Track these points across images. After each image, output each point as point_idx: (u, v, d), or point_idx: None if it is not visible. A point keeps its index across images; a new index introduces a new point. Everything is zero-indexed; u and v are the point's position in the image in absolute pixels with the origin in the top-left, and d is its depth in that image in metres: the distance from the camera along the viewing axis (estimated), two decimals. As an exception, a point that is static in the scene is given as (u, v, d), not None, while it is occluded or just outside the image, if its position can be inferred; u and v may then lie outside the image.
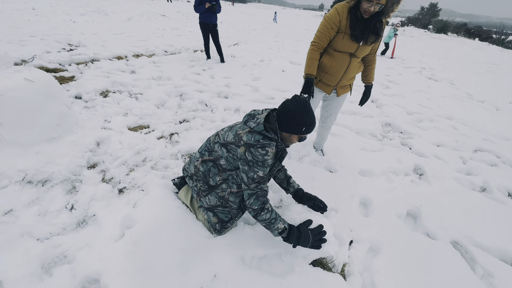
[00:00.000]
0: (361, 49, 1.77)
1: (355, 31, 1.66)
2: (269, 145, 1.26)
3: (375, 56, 1.97)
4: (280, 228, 1.32)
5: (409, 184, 2.27)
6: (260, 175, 1.29)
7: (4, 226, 1.47)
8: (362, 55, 1.83)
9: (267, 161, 1.28)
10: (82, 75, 3.82)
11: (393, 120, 3.48)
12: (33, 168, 1.85)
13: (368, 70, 2.01)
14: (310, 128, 1.31)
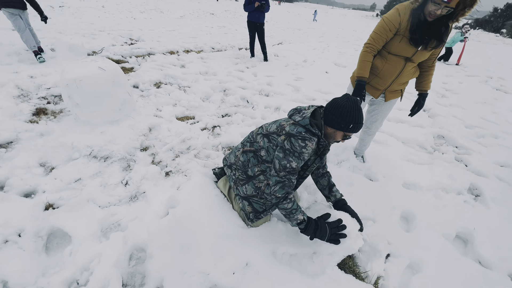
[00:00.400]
0: (419, 54, 1.63)
1: (415, 34, 1.54)
2: (310, 139, 1.27)
3: (435, 63, 1.79)
4: (299, 219, 1.33)
5: (461, 204, 2.05)
6: (293, 166, 1.30)
7: (74, 191, 1.73)
8: (419, 60, 1.69)
9: (303, 154, 1.28)
10: (140, 67, 4.24)
11: (447, 132, 3.16)
12: (98, 145, 2.13)
13: (424, 77, 1.84)
14: (357, 127, 1.28)
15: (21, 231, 1.40)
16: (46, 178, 1.80)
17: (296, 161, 1.30)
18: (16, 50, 4.07)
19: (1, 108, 2.42)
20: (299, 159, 1.30)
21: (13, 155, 1.96)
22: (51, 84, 3.02)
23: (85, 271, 1.30)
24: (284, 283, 1.31)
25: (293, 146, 1.28)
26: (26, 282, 1.21)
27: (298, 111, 1.40)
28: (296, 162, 1.30)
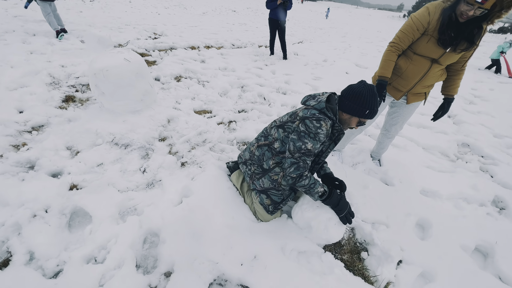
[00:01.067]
0: (447, 56, 1.55)
1: (444, 35, 1.46)
2: (324, 119, 1.28)
3: (465, 67, 1.68)
4: (320, 191, 1.35)
5: (484, 216, 1.94)
6: (309, 147, 1.29)
7: (97, 175, 1.82)
8: (447, 63, 1.60)
9: (319, 134, 1.28)
10: (162, 60, 4.36)
11: (473, 141, 2.99)
12: (120, 133, 2.23)
13: (451, 81, 1.73)
14: (372, 113, 1.29)
15: (47, 207, 1.51)
16: (72, 160, 1.91)
17: (312, 142, 1.29)
18: (50, 41, 4.33)
19: (35, 93, 2.60)
20: (314, 140, 1.29)
21: (43, 137, 2.10)
22: (80, 74, 3.20)
23: (103, 250, 1.38)
24: (291, 278, 1.32)
25: (308, 127, 1.28)
26: (50, 254, 1.30)
27: (312, 97, 1.42)
28: (312, 143, 1.29)
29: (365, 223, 1.71)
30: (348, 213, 1.45)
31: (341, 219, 1.44)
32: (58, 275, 1.25)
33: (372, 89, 1.27)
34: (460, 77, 1.71)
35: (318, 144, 1.31)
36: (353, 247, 1.61)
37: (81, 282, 1.21)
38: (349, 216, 1.45)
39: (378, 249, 1.57)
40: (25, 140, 2.06)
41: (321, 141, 1.31)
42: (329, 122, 1.30)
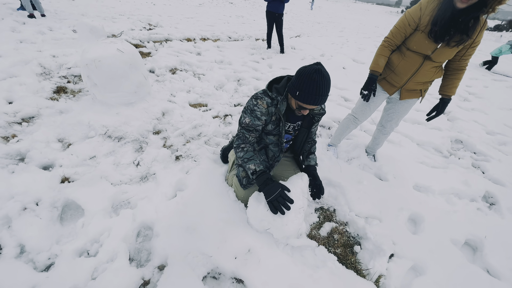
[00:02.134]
0: (440, 52, 1.48)
1: (435, 26, 1.39)
2: (261, 98, 1.36)
3: (464, 66, 1.60)
4: (251, 168, 1.38)
5: (474, 212, 1.98)
6: (246, 121, 1.41)
7: (89, 168, 1.80)
8: (440, 60, 1.55)
9: (255, 111, 1.37)
10: (157, 52, 4.28)
11: (466, 137, 3.03)
12: (113, 125, 2.20)
13: (448, 80, 1.66)
14: (304, 96, 1.17)
15: (38, 200, 1.48)
16: (63, 153, 1.88)
17: (249, 117, 1.39)
18: (40, 29, 4.20)
19: (25, 84, 2.52)
20: (251, 116, 1.39)
21: (34, 129, 2.05)
22: (71, 64, 3.11)
23: (95, 243, 1.36)
24: (284, 272, 1.33)
25: (248, 104, 1.40)
26: (41, 247, 1.29)
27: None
28: (249, 119, 1.40)
29: (359, 218, 1.73)
30: (278, 201, 1.29)
31: (268, 205, 1.33)
32: (49, 268, 1.24)
33: (316, 72, 1.13)
34: (458, 77, 1.64)
35: (257, 120, 1.39)
36: (346, 241, 1.63)
37: (73, 275, 1.20)
38: (277, 204, 1.29)
39: (371, 243, 1.59)
40: (15, 131, 2.01)
41: (259, 118, 1.38)
42: (267, 101, 1.35)
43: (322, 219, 1.75)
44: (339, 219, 1.76)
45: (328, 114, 3.01)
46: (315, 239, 1.58)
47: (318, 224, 1.70)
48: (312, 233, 1.63)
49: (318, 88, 1.15)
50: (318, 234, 1.64)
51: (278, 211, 1.30)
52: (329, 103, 3.39)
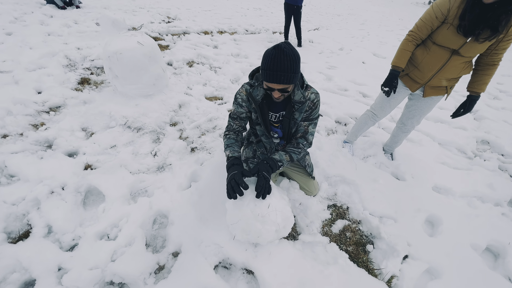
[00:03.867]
0: (469, 47, 1.39)
1: (463, 20, 1.31)
2: (243, 86, 1.39)
3: (497, 62, 1.48)
4: (226, 154, 1.39)
5: (498, 217, 1.87)
6: (232, 109, 1.46)
7: (110, 156, 1.88)
8: (470, 55, 1.45)
9: (237, 99, 1.41)
10: (174, 45, 4.34)
11: (494, 138, 2.84)
12: (132, 116, 2.28)
13: (478, 76, 1.54)
14: (265, 74, 1.14)
15: (64, 185, 1.58)
16: (87, 141, 1.98)
17: (234, 105, 1.43)
18: (66, 22, 4.38)
19: (52, 75, 2.66)
20: (235, 104, 1.42)
21: (60, 118, 2.17)
22: (94, 56, 3.24)
23: (115, 228, 1.44)
24: (294, 266, 1.34)
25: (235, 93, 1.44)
26: (66, 229, 1.38)
27: None
28: (234, 106, 1.44)
29: (373, 217, 1.70)
30: (231, 184, 1.20)
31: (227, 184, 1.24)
32: (73, 249, 1.33)
33: (275, 48, 1.09)
34: (489, 73, 1.52)
35: (240, 108, 1.41)
36: (359, 239, 1.61)
37: (94, 256, 1.28)
38: (229, 188, 1.20)
39: (384, 242, 1.56)
40: (43, 120, 2.14)
41: (241, 105, 1.40)
42: (246, 88, 1.37)
43: (334, 216, 1.73)
44: (352, 217, 1.74)
45: (345, 110, 2.94)
46: (326, 236, 1.57)
47: (330, 221, 1.69)
48: (324, 229, 1.62)
49: (276, 63, 1.09)
50: (330, 231, 1.63)
51: (230, 194, 1.20)
52: (346, 98, 3.30)
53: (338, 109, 2.95)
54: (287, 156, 1.39)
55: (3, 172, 1.65)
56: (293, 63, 1.11)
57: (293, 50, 1.12)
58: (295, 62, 1.12)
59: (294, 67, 1.12)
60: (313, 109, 1.40)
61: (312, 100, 1.37)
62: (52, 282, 1.17)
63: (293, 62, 1.11)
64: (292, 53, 1.11)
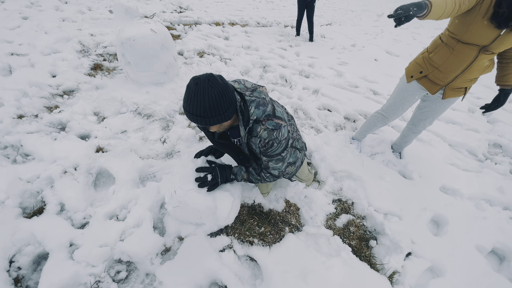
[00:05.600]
0: (502, 40, 1.25)
1: (500, 8, 1.16)
2: None
3: None
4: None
5: (506, 220, 1.84)
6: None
7: (120, 141, 1.92)
8: (499, 50, 1.32)
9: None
10: (186, 35, 4.35)
11: (508, 142, 2.77)
12: (143, 103, 2.31)
13: (509, 69, 1.44)
14: (185, 113, 0.99)
15: (76, 166, 1.63)
16: (98, 125, 2.02)
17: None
18: (80, 9, 4.43)
19: (67, 60, 2.71)
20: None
21: (73, 102, 2.22)
22: (107, 43, 3.28)
23: (124, 209, 1.48)
24: (297, 256, 1.36)
25: None
26: (78, 207, 1.43)
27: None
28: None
29: (378, 213, 1.70)
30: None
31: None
32: (84, 227, 1.38)
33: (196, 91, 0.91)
34: None
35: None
36: (362, 234, 1.62)
37: (104, 235, 1.32)
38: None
39: (388, 239, 1.56)
40: (57, 103, 2.19)
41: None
42: None
43: (339, 210, 1.74)
44: (356, 212, 1.74)
45: (354, 107, 2.91)
46: (330, 229, 1.59)
47: (334, 215, 1.70)
48: (328, 223, 1.64)
49: (190, 104, 0.94)
50: (333, 224, 1.64)
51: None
52: (356, 95, 3.26)
53: (347, 105, 2.92)
54: (245, 175, 1.32)
55: (19, 151, 1.71)
56: (212, 107, 0.93)
57: (214, 89, 0.92)
58: (215, 104, 0.93)
59: (213, 111, 0.94)
60: (267, 148, 1.13)
61: (264, 139, 1.10)
62: (64, 257, 1.22)
63: (211, 105, 0.93)
64: (212, 94, 0.92)
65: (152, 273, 1.25)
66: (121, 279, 1.23)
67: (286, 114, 1.29)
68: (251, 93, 1.11)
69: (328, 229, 1.58)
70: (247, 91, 1.11)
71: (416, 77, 1.63)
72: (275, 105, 1.18)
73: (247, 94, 1.09)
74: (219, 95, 0.94)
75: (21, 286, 1.15)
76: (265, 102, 1.10)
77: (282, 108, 1.27)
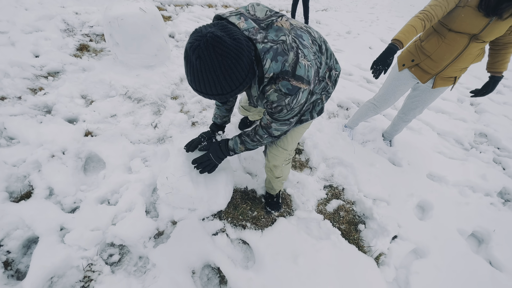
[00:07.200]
0: (492, 29, 1.27)
1: None
2: None
3: None
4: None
5: (487, 206, 1.94)
6: None
7: (110, 125, 1.87)
8: (490, 38, 1.33)
9: None
10: (177, 16, 4.16)
11: (492, 131, 2.87)
12: (133, 87, 2.23)
13: (499, 56, 1.46)
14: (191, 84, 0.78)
15: (64, 150, 1.58)
16: (86, 109, 1.95)
17: None
18: (63, -16, 4.14)
19: (50, 39, 2.56)
20: None
21: (59, 84, 2.12)
22: (93, 23, 3.10)
23: (115, 194, 1.47)
24: (288, 239, 1.40)
25: None
26: (67, 192, 1.40)
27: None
28: None
29: (367, 198, 1.75)
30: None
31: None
32: (75, 211, 1.36)
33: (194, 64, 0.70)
34: (510, 51, 1.43)
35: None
36: (352, 218, 1.67)
37: (95, 219, 1.31)
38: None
39: (376, 223, 1.62)
40: (41, 84, 2.09)
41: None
42: None
43: (330, 196, 1.78)
44: (347, 198, 1.79)
45: (347, 94, 2.92)
46: (321, 214, 1.63)
47: (325, 200, 1.74)
48: (319, 208, 1.67)
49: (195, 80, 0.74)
50: (324, 209, 1.68)
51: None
52: (350, 83, 3.26)
53: (341, 93, 2.92)
54: (242, 146, 1.14)
55: (2, 134, 1.64)
56: (228, 81, 0.73)
57: (226, 58, 0.69)
58: (231, 76, 0.72)
59: (231, 84, 0.74)
60: (274, 111, 0.93)
61: (272, 102, 0.87)
62: (55, 240, 1.21)
63: (227, 79, 0.73)
64: (224, 65, 0.69)
65: (145, 256, 1.26)
66: (114, 262, 1.24)
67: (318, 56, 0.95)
68: (265, 35, 0.78)
69: (319, 213, 1.62)
70: (259, 34, 0.77)
71: (407, 65, 1.64)
72: (301, 49, 0.83)
73: (259, 38, 0.76)
74: (233, 64, 0.70)
75: (11, 269, 1.14)
76: (285, 48, 0.78)
77: (313, 49, 0.91)
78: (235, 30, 0.72)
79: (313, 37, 0.96)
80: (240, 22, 0.78)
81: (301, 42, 0.86)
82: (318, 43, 0.99)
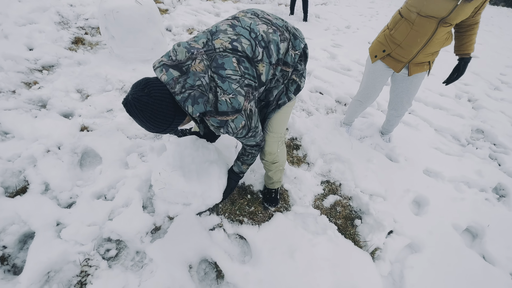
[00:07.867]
0: (459, 11, 1.28)
1: None
2: None
3: (479, 19, 1.41)
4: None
5: (482, 201, 1.96)
6: None
7: (106, 120, 1.86)
8: (457, 21, 1.34)
9: None
10: (174, 9, 4.10)
11: (489, 128, 2.88)
12: (129, 81, 2.21)
13: (466, 38, 1.48)
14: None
15: (60, 145, 1.57)
16: (82, 103, 1.93)
17: None
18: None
19: (44, 32, 2.52)
20: None
21: (54, 78, 2.09)
22: (89, 15, 3.05)
23: (112, 189, 1.46)
24: (285, 234, 1.41)
25: None
26: (64, 187, 1.40)
27: None
28: None
29: (363, 194, 1.76)
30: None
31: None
32: (71, 206, 1.36)
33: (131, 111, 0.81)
34: (475, 31, 1.47)
35: None
36: (348, 214, 1.68)
37: (92, 214, 1.31)
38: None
39: (372, 218, 1.63)
40: (36, 78, 2.06)
41: None
42: None
43: (327, 191, 1.78)
44: (343, 193, 1.80)
45: (346, 90, 2.91)
46: (318, 209, 1.64)
47: (322, 196, 1.75)
48: (316, 203, 1.68)
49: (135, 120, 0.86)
50: (321, 204, 1.69)
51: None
52: (348, 78, 3.25)
53: (339, 88, 2.91)
54: (245, 166, 1.28)
55: (-4, 128, 1.62)
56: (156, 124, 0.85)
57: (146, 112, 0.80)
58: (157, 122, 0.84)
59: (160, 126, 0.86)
60: (229, 134, 0.98)
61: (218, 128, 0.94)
62: (51, 235, 1.21)
63: (155, 123, 0.84)
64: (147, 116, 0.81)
65: (142, 251, 1.27)
66: (111, 257, 1.24)
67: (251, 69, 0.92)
68: (183, 84, 0.81)
69: (315, 209, 1.63)
70: (177, 85, 0.80)
71: (380, 56, 1.64)
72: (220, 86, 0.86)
73: (177, 90, 0.81)
74: (153, 114, 0.81)
75: (7, 264, 1.14)
76: (203, 91, 0.83)
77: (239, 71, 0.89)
78: (155, 86, 0.81)
79: (248, 44, 0.92)
80: (162, 75, 0.82)
81: (221, 75, 0.86)
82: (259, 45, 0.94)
